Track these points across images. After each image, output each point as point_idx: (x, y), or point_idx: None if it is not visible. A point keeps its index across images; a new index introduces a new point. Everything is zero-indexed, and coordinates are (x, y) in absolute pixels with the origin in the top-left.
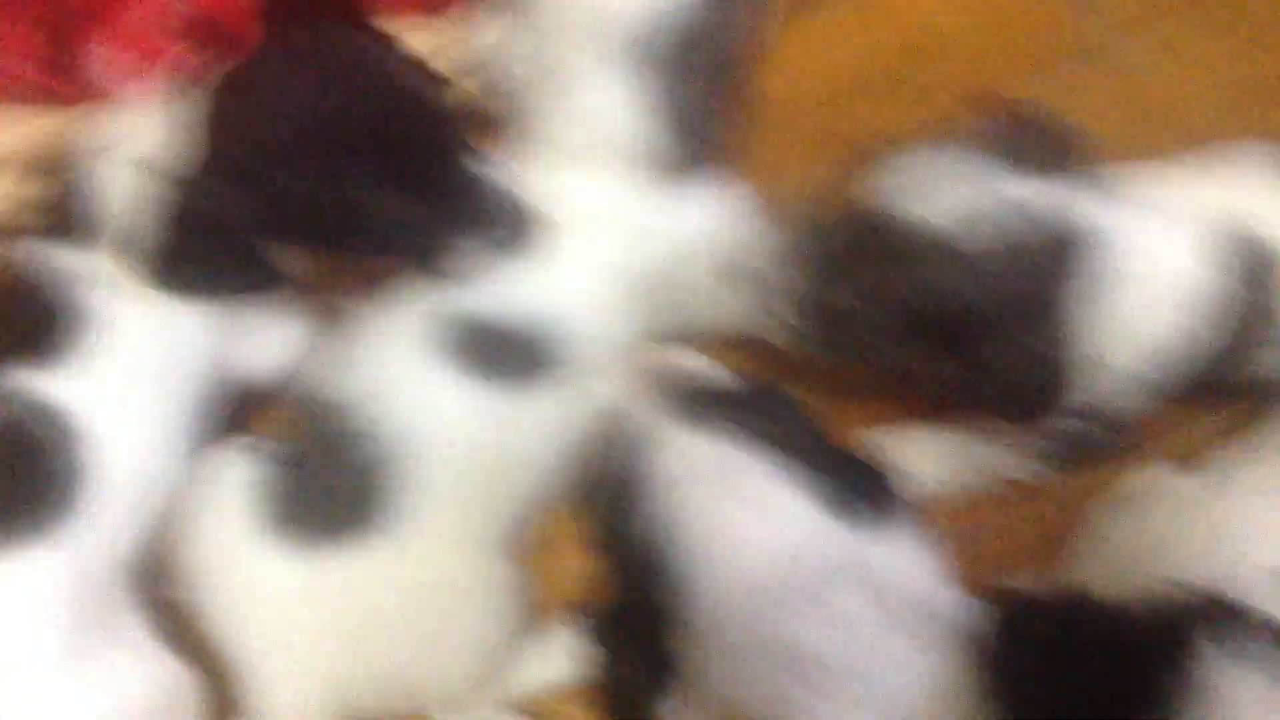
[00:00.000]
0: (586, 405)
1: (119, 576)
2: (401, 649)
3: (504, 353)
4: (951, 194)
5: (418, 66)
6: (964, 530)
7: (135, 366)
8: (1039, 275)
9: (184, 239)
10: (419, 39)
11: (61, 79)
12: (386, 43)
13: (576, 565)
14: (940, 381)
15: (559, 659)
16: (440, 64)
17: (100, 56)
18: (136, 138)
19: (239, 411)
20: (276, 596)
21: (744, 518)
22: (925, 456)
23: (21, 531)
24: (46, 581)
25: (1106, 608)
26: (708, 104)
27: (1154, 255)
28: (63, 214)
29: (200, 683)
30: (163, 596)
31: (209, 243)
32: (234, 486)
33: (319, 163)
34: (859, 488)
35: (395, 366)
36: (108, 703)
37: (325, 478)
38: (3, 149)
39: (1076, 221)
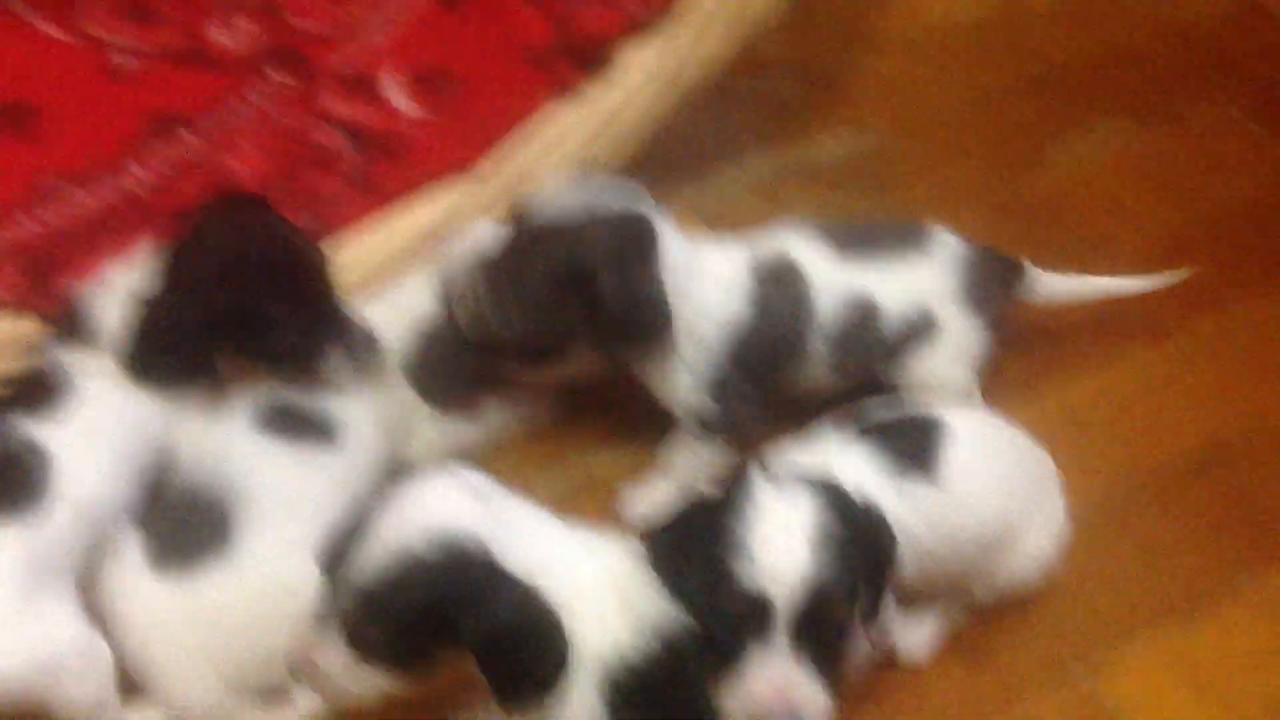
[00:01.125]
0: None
1: (67, 566)
2: (258, 636)
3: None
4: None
5: (302, 236)
6: None
7: (97, 427)
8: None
9: (148, 345)
10: None
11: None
12: (282, 218)
13: None
14: (590, 341)
15: None
16: None
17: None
18: (123, 279)
19: None
20: (162, 615)
21: None
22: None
23: (6, 510)
24: (15, 545)
25: None
26: None
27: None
28: (72, 326)
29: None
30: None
31: (165, 348)
32: (125, 544)
33: (241, 292)
34: None
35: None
36: (43, 635)
37: (187, 521)
38: None
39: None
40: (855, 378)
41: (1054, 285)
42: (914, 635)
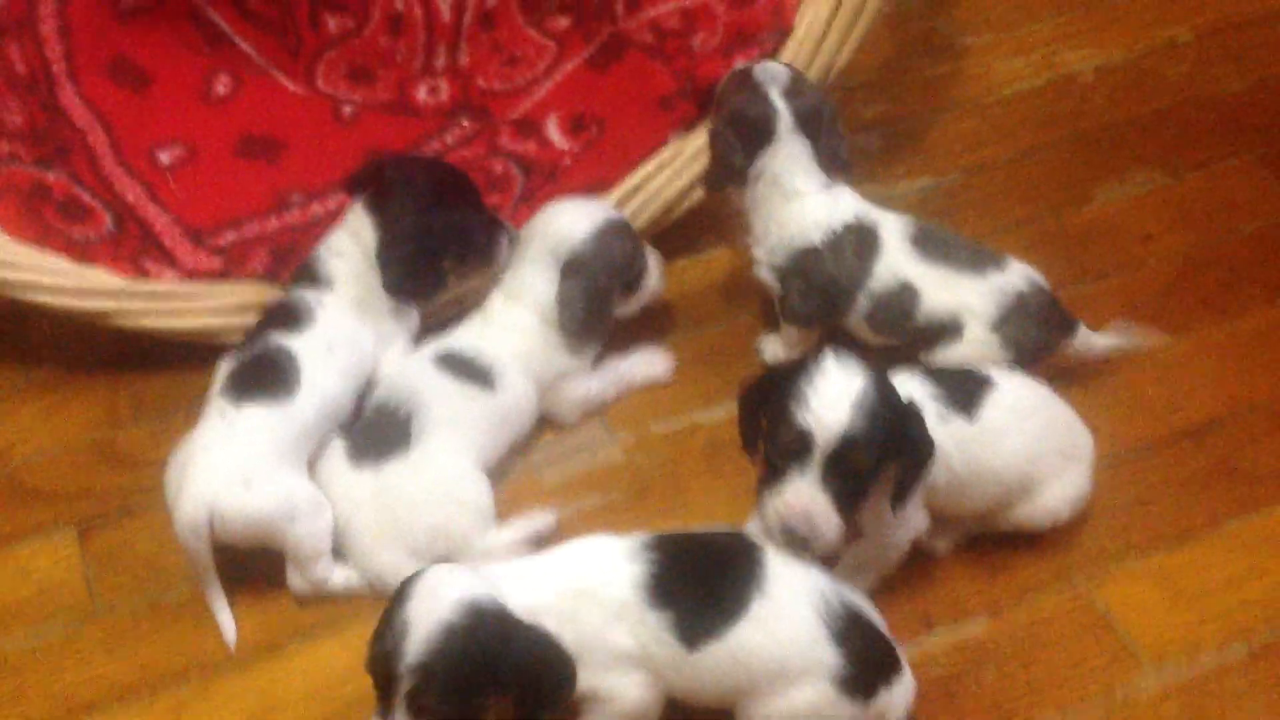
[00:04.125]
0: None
1: (306, 448)
2: (425, 514)
3: (468, 367)
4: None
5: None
6: None
7: (331, 343)
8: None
9: (398, 267)
10: None
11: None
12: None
13: None
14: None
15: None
16: None
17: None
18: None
19: None
20: (359, 497)
21: None
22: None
23: (270, 399)
24: (275, 423)
25: None
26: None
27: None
28: (310, 273)
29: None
30: None
31: (410, 266)
32: (333, 447)
33: (448, 210)
34: None
35: (413, 370)
36: (289, 487)
37: (379, 429)
38: None
39: None
40: (885, 339)
41: (1093, 341)
42: (940, 539)
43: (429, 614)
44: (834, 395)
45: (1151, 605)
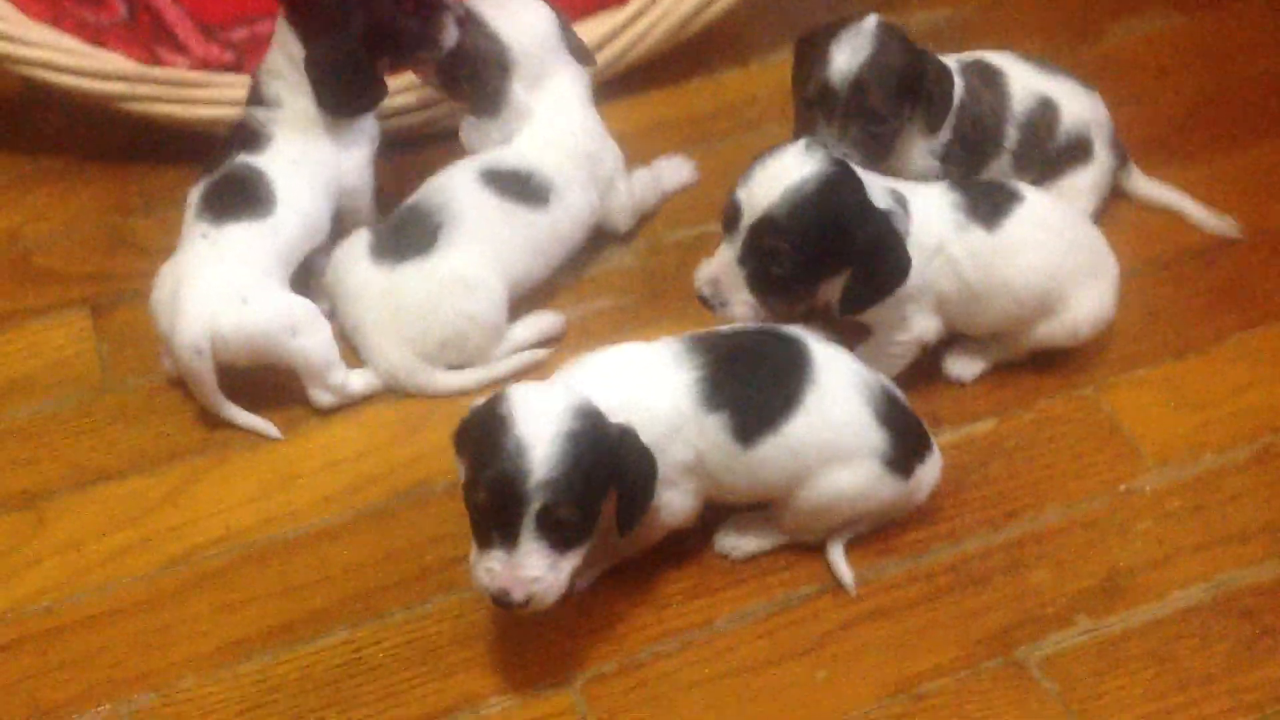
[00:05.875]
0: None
1: (291, 263)
2: (441, 317)
3: (520, 185)
4: None
5: None
6: None
7: (297, 159)
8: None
9: (331, 85)
10: None
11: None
12: None
13: None
14: None
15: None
16: None
17: None
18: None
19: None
20: (373, 292)
21: None
22: None
23: (250, 216)
24: (259, 239)
25: None
26: None
27: None
28: (257, 95)
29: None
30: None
31: (344, 80)
32: (358, 236)
33: (373, 9)
34: None
35: (455, 180)
36: (283, 300)
37: (406, 231)
38: None
39: None
40: (1027, 174)
41: (1142, 185)
42: (963, 364)
43: (544, 429)
44: (774, 175)
45: (1157, 410)
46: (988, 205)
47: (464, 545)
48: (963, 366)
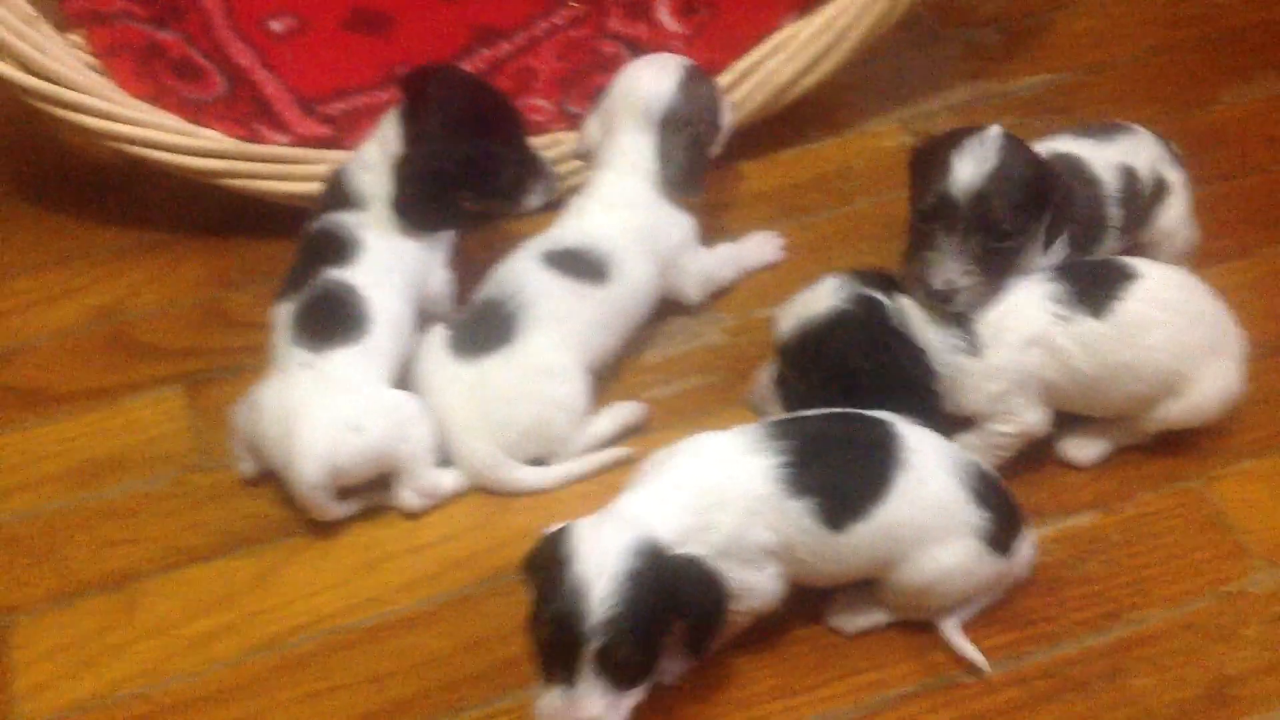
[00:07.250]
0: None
1: (391, 367)
2: (525, 409)
3: (580, 262)
4: None
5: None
6: None
7: (383, 266)
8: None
9: (411, 198)
10: None
11: None
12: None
13: None
14: None
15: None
16: None
17: None
18: (371, 150)
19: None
20: (458, 389)
21: None
22: None
23: (349, 339)
24: (359, 360)
25: None
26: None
27: None
28: (342, 195)
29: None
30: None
31: (424, 197)
32: (436, 334)
33: (473, 142)
34: None
35: (520, 265)
36: (398, 402)
37: (483, 324)
38: None
39: None
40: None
41: None
42: (1082, 446)
43: (603, 567)
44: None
45: (1267, 505)
46: (1094, 290)
47: None
48: (1080, 449)
